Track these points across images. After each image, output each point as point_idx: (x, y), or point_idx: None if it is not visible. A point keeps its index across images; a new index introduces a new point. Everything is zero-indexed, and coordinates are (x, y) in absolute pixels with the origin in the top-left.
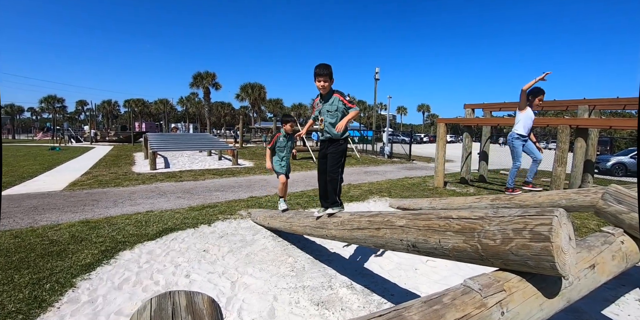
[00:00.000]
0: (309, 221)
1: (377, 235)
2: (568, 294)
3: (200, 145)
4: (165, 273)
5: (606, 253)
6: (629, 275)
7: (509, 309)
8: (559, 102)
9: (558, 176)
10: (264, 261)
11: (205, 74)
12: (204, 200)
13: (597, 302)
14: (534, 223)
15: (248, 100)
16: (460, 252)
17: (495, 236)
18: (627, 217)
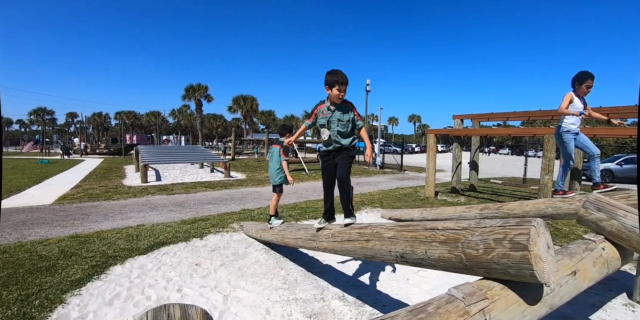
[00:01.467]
0: (301, 233)
1: (366, 246)
2: (550, 300)
3: (192, 158)
4: (157, 288)
5: (587, 260)
6: (615, 280)
7: (492, 317)
8: (545, 111)
9: (545, 184)
10: (256, 274)
11: (198, 86)
12: (195, 214)
13: (585, 308)
14: (514, 233)
15: (240, 112)
16: (445, 262)
17: (478, 246)
18: (607, 224)
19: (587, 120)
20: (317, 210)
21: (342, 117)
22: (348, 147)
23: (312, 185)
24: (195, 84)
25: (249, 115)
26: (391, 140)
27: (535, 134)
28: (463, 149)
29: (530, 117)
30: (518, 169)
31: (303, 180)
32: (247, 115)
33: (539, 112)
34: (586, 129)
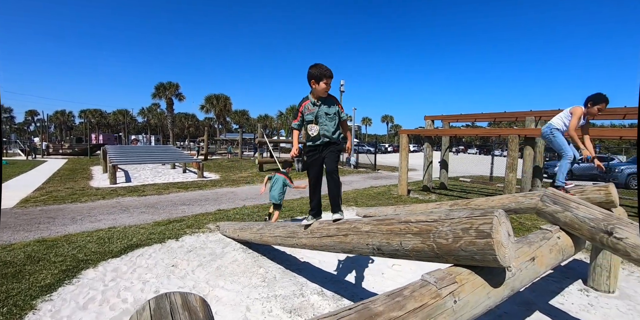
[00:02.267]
0: (280, 231)
1: (345, 241)
2: (512, 283)
3: (164, 158)
4: (133, 290)
5: (544, 247)
6: (572, 269)
7: (460, 298)
8: (510, 113)
9: (510, 181)
10: (235, 273)
11: (169, 84)
12: (169, 215)
13: (545, 294)
14: (479, 222)
15: (213, 112)
16: (419, 251)
17: (448, 236)
18: (562, 215)
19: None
20: (292, 209)
21: (328, 111)
22: (336, 141)
23: None
24: (166, 82)
25: (222, 114)
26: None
27: (501, 134)
28: (434, 148)
29: (496, 118)
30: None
31: None
32: (220, 115)
33: (504, 113)
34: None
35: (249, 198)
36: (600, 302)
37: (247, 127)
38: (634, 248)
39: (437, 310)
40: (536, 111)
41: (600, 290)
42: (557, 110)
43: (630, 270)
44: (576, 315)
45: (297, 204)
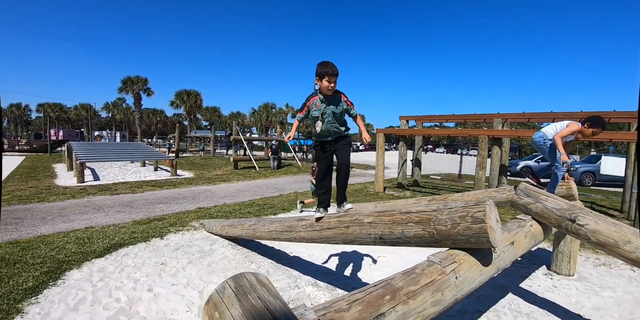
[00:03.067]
0: (275, 226)
1: (346, 232)
2: (497, 263)
3: (135, 156)
4: (124, 289)
5: (521, 234)
6: (537, 256)
7: (460, 275)
8: (479, 115)
9: (479, 178)
10: (227, 269)
11: (136, 78)
12: (147, 214)
13: (516, 278)
14: (474, 211)
15: (183, 108)
16: (420, 238)
17: (447, 223)
18: (534, 206)
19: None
20: (274, 206)
21: (336, 110)
22: (345, 135)
23: (264, 182)
24: (134, 76)
25: (192, 111)
26: None
27: (472, 135)
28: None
29: (466, 119)
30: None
31: (255, 178)
32: (191, 111)
33: (473, 115)
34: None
35: (228, 196)
36: (562, 284)
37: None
38: (593, 233)
39: (444, 285)
40: (503, 114)
41: (562, 274)
42: (521, 113)
43: (586, 256)
44: (542, 295)
45: (278, 201)
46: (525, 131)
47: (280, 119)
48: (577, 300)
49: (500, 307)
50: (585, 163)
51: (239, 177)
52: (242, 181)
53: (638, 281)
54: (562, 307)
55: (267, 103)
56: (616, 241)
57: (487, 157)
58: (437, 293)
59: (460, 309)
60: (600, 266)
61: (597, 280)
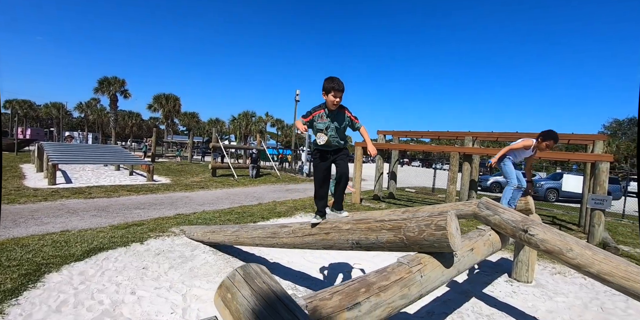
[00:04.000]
0: (258, 233)
1: (326, 238)
2: (458, 266)
3: (110, 159)
4: (107, 292)
5: (480, 241)
6: (499, 265)
7: (425, 274)
8: (452, 133)
9: (450, 192)
10: (208, 274)
11: (114, 79)
12: (124, 219)
13: (479, 285)
14: (437, 219)
15: (161, 112)
16: (392, 243)
17: (414, 230)
18: (493, 218)
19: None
20: (253, 214)
21: (339, 126)
22: (344, 147)
23: (242, 190)
24: (111, 77)
25: (170, 115)
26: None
27: (443, 150)
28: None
29: (439, 136)
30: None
31: (233, 185)
32: (169, 116)
33: (446, 132)
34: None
35: (207, 203)
36: (521, 289)
37: (196, 130)
38: (542, 241)
39: (410, 282)
40: (473, 132)
41: (521, 281)
42: (490, 132)
43: (544, 265)
44: (502, 300)
45: (257, 210)
46: (493, 150)
47: (260, 127)
48: (533, 304)
49: (464, 309)
50: (550, 180)
51: (217, 185)
52: (220, 189)
53: (588, 288)
54: (520, 310)
55: (247, 111)
56: (560, 249)
57: (458, 172)
58: (404, 288)
59: (429, 311)
60: (556, 274)
61: (552, 287)
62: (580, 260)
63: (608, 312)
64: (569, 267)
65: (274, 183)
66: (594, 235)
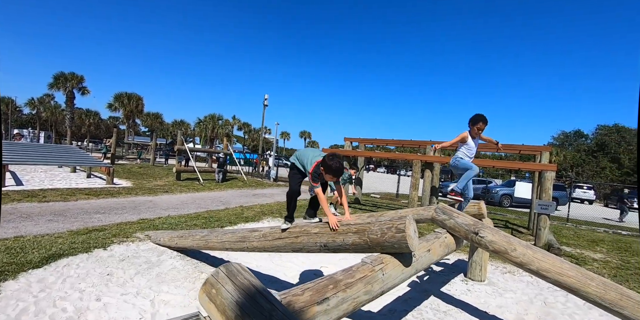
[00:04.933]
0: (228, 237)
1: (296, 241)
2: (416, 265)
3: (66, 160)
4: (70, 299)
5: (436, 243)
6: (456, 266)
7: (386, 272)
8: (415, 141)
9: (413, 198)
10: (176, 279)
11: (71, 75)
12: (84, 224)
13: (437, 284)
14: (397, 223)
15: (122, 112)
16: (357, 245)
17: (377, 233)
18: (448, 222)
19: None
20: (220, 219)
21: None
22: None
23: (208, 195)
24: (68, 73)
25: (132, 115)
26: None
27: (406, 158)
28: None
29: (403, 144)
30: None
31: (198, 190)
32: (130, 116)
33: (410, 141)
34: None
35: (171, 208)
36: (475, 288)
37: (159, 132)
38: (490, 242)
39: (373, 279)
40: (435, 141)
41: (475, 280)
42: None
43: (496, 265)
44: (458, 297)
45: (225, 215)
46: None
47: (227, 131)
48: (485, 301)
49: (423, 307)
50: (504, 187)
51: (182, 189)
52: (185, 193)
53: (534, 285)
54: (473, 306)
55: (214, 114)
56: (506, 249)
57: (420, 178)
58: (368, 285)
59: (391, 309)
60: (506, 273)
61: (503, 285)
62: (522, 259)
63: (550, 306)
64: (513, 265)
65: (240, 188)
66: (540, 238)
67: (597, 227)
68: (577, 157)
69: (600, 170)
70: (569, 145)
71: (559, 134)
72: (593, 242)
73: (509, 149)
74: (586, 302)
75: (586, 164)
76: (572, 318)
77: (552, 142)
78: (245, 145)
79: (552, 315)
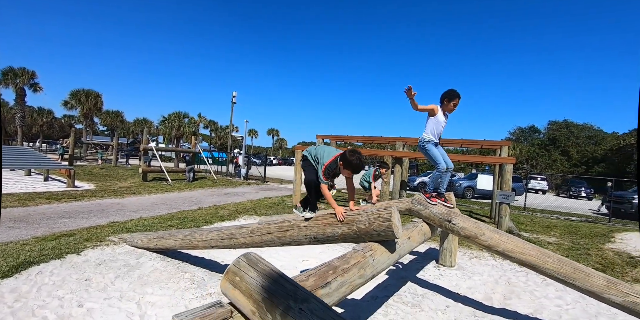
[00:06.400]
0: (214, 235)
1: (285, 235)
2: (399, 251)
3: (20, 163)
4: (49, 307)
5: (415, 231)
6: (429, 254)
7: (375, 258)
8: (385, 138)
9: (384, 192)
10: (160, 280)
11: (21, 70)
12: (50, 229)
13: (413, 271)
14: (384, 213)
15: (80, 110)
16: (346, 235)
17: (365, 223)
18: (424, 212)
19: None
20: (196, 219)
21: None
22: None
23: (178, 195)
24: (18, 68)
25: (90, 114)
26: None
27: (377, 154)
28: None
29: (374, 141)
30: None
31: (167, 190)
32: (89, 114)
33: (380, 137)
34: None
35: (142, 210)
36: (447, 272)
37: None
38: (462, 229)
39: (366, 264)
40: (404, 138)
41: (446, 266)
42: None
43: (464, 252)
44: (432, 281)
45: (199, 214)
46: (421, 153)
47: (194, 129)
48: (456, 283)
49: (402, 292)
50: (467, 180)
51: (150, 190)
52: (154, 194)
53: (498, 268)
54: (446, 288)
55: (179, 112)
56: (476, 234)
57: (390, 173)
58: (361, 269)
59: (373, 296)
60: (473, 258)
61: (471, 269)
62: (490, 242)
63: (513, 285)
64: (482, 248)
65: (211, 187)
66: (502, 225)
67: (550, 215)
68: (532, 150)
69: (552, 163)
70: (524, 140)
71: (515, 130)
72: (547, 227)
73: (472, 144)
74: (545, 279)
75: (540, 157)
76: (532, 294)
77: (509, 137)
78: (212, 144)
79: (515, 292)
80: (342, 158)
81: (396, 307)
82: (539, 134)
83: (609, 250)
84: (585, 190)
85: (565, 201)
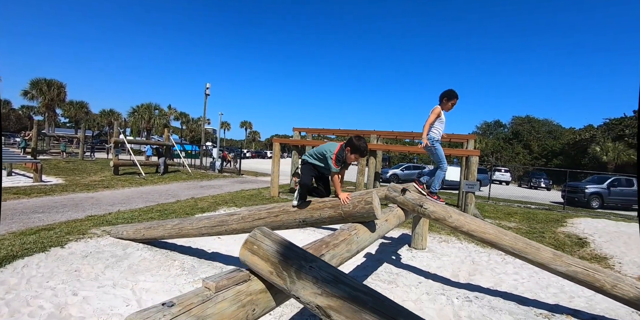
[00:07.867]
0: (204, 223)
1: (276, 220)
2: (379, 231)
3: None
4: (44, 297)
5: (391, 215)
6: (402, 239)
7: (359, 236)
8: (360, 131)
9: (360, 183)
10: (150, 268)
11: None
12: (24, 224)
13: (389, 254)
14: (366, 197)
15: (41, 101)
16: (332, 218)
17: (349, 206)
18: (399, 198)
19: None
20: (175, 211)
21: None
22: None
23: (154, 189)
24: None
25: (52, 105)
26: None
27: None
28: (299, 156)
29: (348, 134)
30: None
31: (141, 184)
32: (50, 105)
33: (354, 131)
34: (385, 145)
35: (117, 203)
36: (418, 254)
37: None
38: (432, 212)
39: (352, 241)
40: (378, 131)
41: (418, 249)
42: (391, 131)
43: (433, 236)
44: (406, 262)
45: (179, 207)
46: (394, 146)
47: (165, 121)
48: (427, 264)
49: (379, 271)
50: None
51: (123, 184)
52: (128, 187)
53: (463, 250)
54: (418, 268)
55: (149, 103)
56: (444, 216)
57: (365, 165)
58: (348, 245)
59: (353, 275)
60: (442, 242)
61: (440, 251)
62: (457, 223)
63: (477, 264)
64: (450, 228)
65: (185, 180)
66: (468, 212)
67: (512, 203)
68: (497, 144)
69: (515, 155)
70: (490, 134)
71: (482, 124)
72: (509, 214)
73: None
74: (504, 259)
75: (504, 150)
76: (493, 271)
77: (476, 131)
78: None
79: (478, 270)
80: (349, 144)
81: (374, 284)
82: (503, 128)
83: (561, 233)
84: (545, 181)
85: (527, 191)
